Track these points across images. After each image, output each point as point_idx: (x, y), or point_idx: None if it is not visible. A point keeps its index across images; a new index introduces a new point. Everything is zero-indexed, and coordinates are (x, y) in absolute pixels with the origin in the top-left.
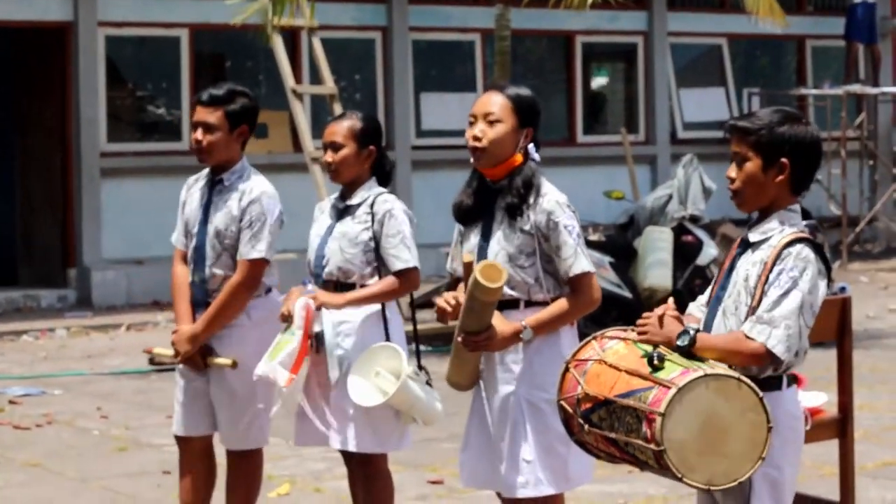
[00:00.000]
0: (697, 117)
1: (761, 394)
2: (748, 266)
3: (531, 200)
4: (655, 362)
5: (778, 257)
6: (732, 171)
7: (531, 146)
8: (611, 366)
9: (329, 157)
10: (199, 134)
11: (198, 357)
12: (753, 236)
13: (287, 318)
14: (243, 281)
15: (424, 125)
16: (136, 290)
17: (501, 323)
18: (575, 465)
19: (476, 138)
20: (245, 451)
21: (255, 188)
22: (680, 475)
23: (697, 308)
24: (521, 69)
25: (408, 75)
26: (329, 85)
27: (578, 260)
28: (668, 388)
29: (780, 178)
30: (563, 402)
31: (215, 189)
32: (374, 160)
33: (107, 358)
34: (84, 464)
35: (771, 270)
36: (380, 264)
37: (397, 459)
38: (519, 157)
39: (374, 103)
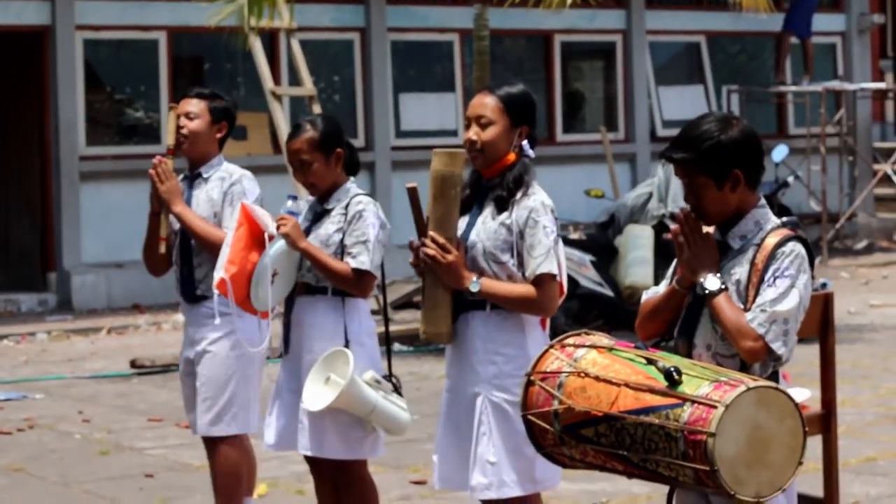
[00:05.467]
0: (677, 115)
1: (796, 399)
2: (735, 269)
3: (518, 196)
4: (675, 377)
5: (771, 257)
6: (691, 199)
7: (525, 143)
8: (598, 378)
9: (301, 177)
10: (181, 121)
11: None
12: (734, 242)
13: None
14: (216, 241)
15: (404, 125)
16: (116, 293)
17: (464, 268)
18: (542, 467)
19: (471, 141)
20: (222, 437)
21: (235, 172)
22: (732, 492)
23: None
24: (499, 69)
25: (386, 76)
26: (308, 86)
27: (548, 261)
28: (710, 405)
29: (737, 186)
30: (530, 417)
31: (195, 183)
32: (343, 161)
33: (88, 362)
34: (66, 468)
35: (765, 270)
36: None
37: (379, 461)
38: (513, 156)
39: (353, 104)
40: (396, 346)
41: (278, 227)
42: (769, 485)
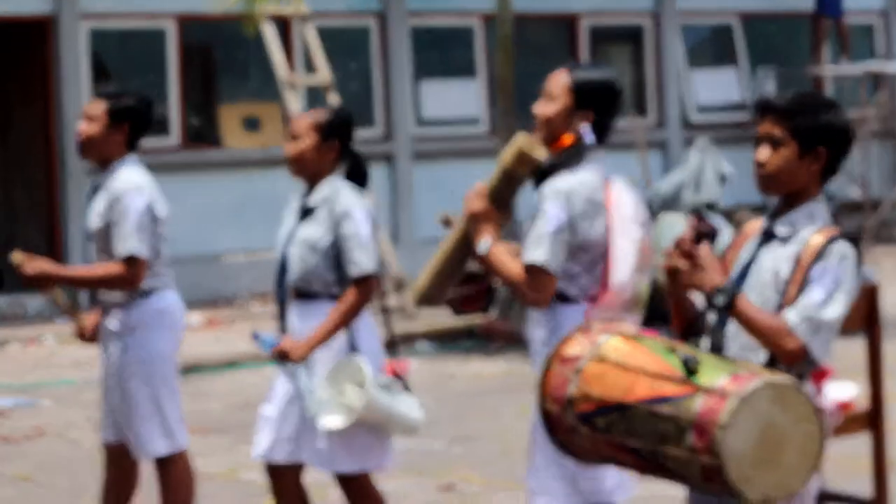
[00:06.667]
0: (710, 100)
1: (817, 404)
2: (777, 261)
3: (549, 180)
4: (693, 366)
5: (819, 255)
6: (764, 154)
7: (585, 127)
8: (617, 365)
9: (288, 149)
10: (80, 124)
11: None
12: (782, 230)
13: None
14: (119, 275)
15: (424, 114)
16: None
17: (490, 227)
18: (587, 480)
19: (535, 115)
20: (158, 458)
21: (119, 185)
22: (739, 489)
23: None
24: (524, 53)
25: (406, 62)
26: (324, 75)
27: (534, 249)
28: (723, 397)
29: (815, 166)
30: (546, 401)
31: (96, 189)
32: (337, 155)
33: (97, 366)
34: (75, 477)
35: (810, 268)
36: (341, 269)
37: (402, 466)
38: (569, 138)
39: (371, 92)
40: (420, 346)
41: (283, 359)
42: (776, 487)
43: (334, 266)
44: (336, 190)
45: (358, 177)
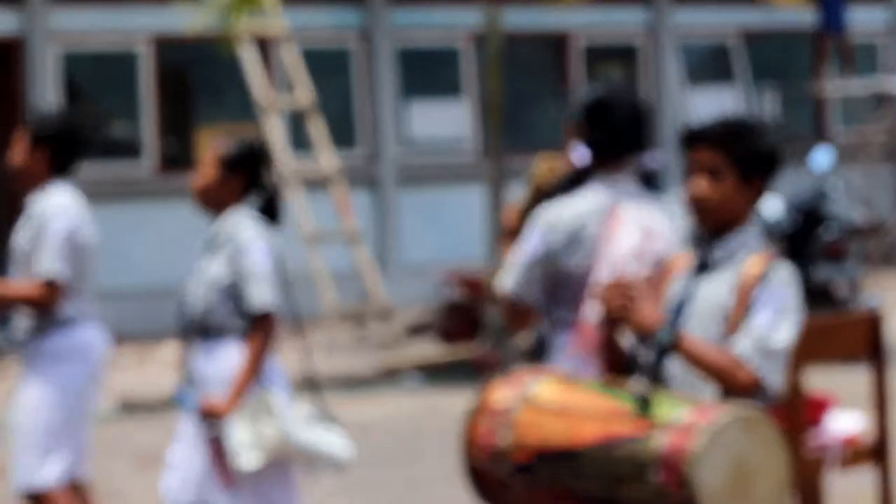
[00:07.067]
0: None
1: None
2: (716, 291)
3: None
4: (647, 402)
5: (759, 281)
6: (702, 186)
7: (575, 149)
8: (555, 410)
9: (194, 180)
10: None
11: None
12: (718, 259)
13: None
14: (35, 296)
15: (410, 136)
16: None
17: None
18: None
19: None
20: (37, 494)
21: (41, 206)
22: None
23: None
24: (513, 72)
25: (391, 82)
26: (304, 96)
27: (506, 274)
28: (692, 431)
29: (752, 193)
30: (474, 458)
31: (25, 216)
32: (243, 188)
33: None
34: None
35: (752, 294)
36: (243, 306)
37: (386, 501)
38: (570, 163)
39: (353, 113)
40: (408, 378)
41: (208, 417)
42: None
43: (235, 302)
44: (236, 224)
45: (270, 210)
